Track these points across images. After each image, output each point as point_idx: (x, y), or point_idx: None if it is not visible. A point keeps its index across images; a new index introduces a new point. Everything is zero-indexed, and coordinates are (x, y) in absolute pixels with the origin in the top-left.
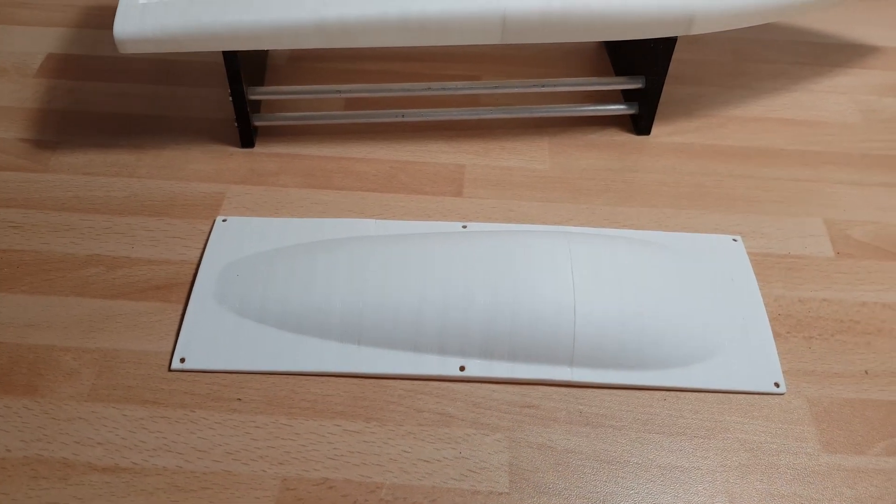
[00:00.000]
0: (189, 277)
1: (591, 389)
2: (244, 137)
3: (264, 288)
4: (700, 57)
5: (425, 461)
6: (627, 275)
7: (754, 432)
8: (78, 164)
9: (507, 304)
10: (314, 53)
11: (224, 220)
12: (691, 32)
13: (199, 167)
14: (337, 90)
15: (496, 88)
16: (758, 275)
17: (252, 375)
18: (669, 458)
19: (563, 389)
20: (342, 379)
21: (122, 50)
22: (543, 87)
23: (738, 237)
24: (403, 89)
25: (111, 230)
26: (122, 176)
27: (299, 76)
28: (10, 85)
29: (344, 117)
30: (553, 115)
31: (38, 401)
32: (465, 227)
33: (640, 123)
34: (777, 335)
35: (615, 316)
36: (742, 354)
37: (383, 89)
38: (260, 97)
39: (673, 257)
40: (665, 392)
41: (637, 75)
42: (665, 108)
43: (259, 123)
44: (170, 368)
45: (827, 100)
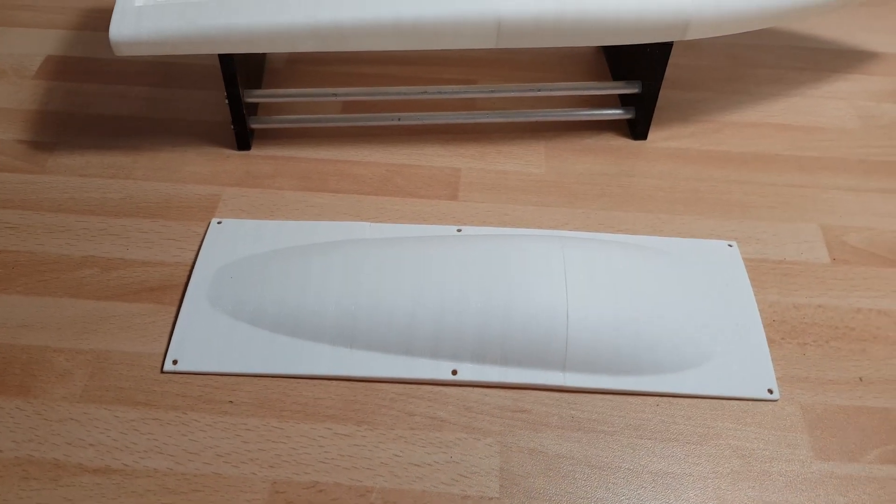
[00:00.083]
0: (183, 279)
1: (583, 394)
2: (240, 140)
3: (258, 290)
4: (698, 62)
5: (416, 465)
6: (621, 280)
7: (747, 439)
8: (75, 165)
9: (499, 308)
10: (312, 56)
11: (219, 223)
12: (686, 38)
13: (195, 169)
14: (333, 93)
15: (492, 92)
16: (753, 280)
17: (244, 378)
18: (661, 464)
19: (556, 394)
20: (334, 382)
21: (118, 52)
22: (539, 91)
23: (733, 243)
24: (400, 93)
25: (106, 232)
26: (118, 178)
27: (297, 79)
28: (9, 87)
29: (340, 120)
30: (549, 120)
31: (30, 401)
32: (460, 230)
33: (637, 128)
34: (771, 341)
35: (608, 321)
36: (736, 360)
37: (379, 93)
38: (256, 100)
39: (667, 262)
40: (658, 398)
41: (634, 80)
42: (662, 113)
43: (255, 126)
44: (162, 370)
45: (825, 105)
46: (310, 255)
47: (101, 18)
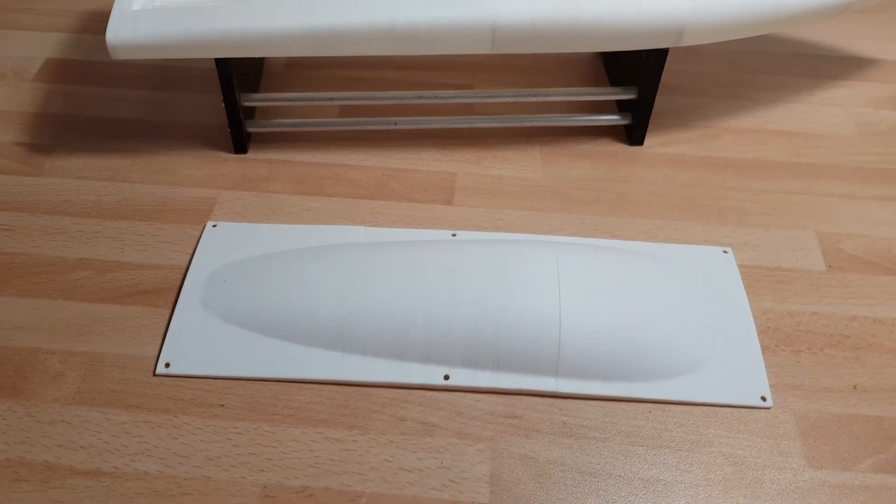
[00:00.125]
0: (177, 282)
1: (575, 400)
2: (237, 143)
3: (251, 294)
4: (696, 68)
5: (406, 470)
6: (615, 285)
7: (739, 446)
8: (72, 168)
9: (492, 313)
10: (310, 61)
11: (214, 226)
12: (681, 44)
13: (191, 172)
14: (329, 97)
15: (489, 97)
16: (747, 287)
17: (236, 381)
18: (652, 472)
19: (548, 400)
20: (326, 386)
21: (115, 56)
22: (536, 96)
23: (728, 249)
24: (396, 97)
25: (102, 234)
26: (114, 180)
27: (295, 83)
28: (8, 89)
29: (337, 124)
30: (546, 125)
31: (22, 403)
32: (455, 235)
33: (633, 134)
34: (765, 348)
35: (601, 326)
36: (729, 367)
37: (376, 97)
38: (253, 104)
39: (662, 268)
40: (650, 404)
41: (631, 86)
42: (659, 119)
43: (252, 130)
44: (154, 373)
45: (822, 112)
46: (303, 258)
47: (101, 22)
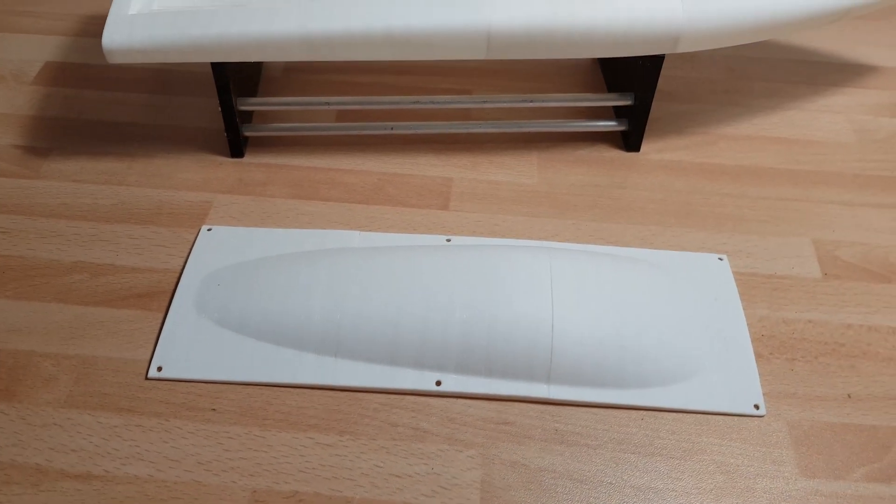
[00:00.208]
0: (171, 286)
1: (567, 407)
2: (234, 147)
3: (244, 298)
4: (694, 74)
5: (397, 476)
6: (609, 292)
7: (731, 455)
8: (69, 171)
9: (484, 319)
10: (308, 65)
11: (209, 230)
12: (677, 51)
13: (187, 176)
14: (326, 102)
15: (485, 103)
16: (742, 295)
17: (228, 386)
18: (644, 479)
19: (540, 406)
20: (318, 391)
21: (111, 60)
22: (532, 102)
23: (723, 256)
24: (393, 102)
25: (97, 237)
26: (111, 184)
27: (293, 87)
28: (7, 92)
29: (333, 129)
30: (542, 131)
31: (15, 406)
32: (450, 240)
33: (630, 140)
34: (759, 356)
35: (594, 333)
36: (722, 375)
37: (373, 102)
38: (250, 108)
39: (656, 275)
40: (643, 412)
41: (627, 92)
42: (657, 125)
43: (249, 134)
44: (147, 377)
45: (821, 119)
46: (296, 263)
47: (100, 25)
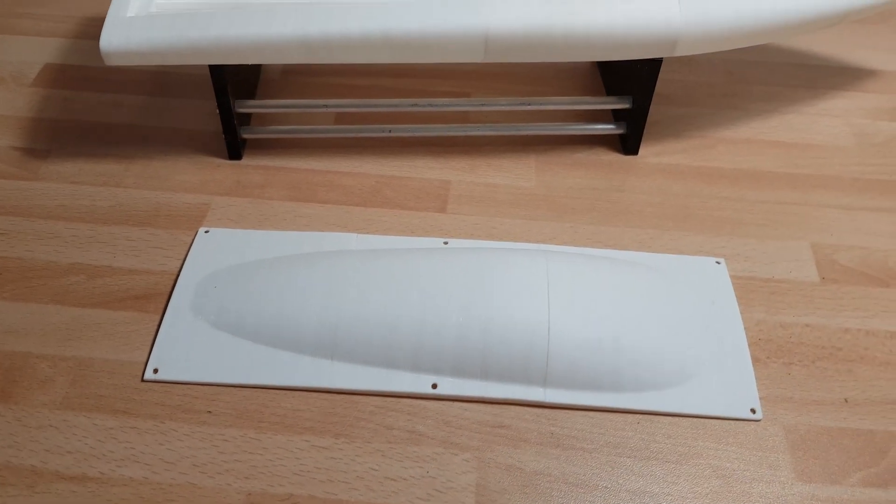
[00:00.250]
0: (168, 288)
1: (563, 411)
2: (231, 149)
3: (240, 300)
4: (693, 77)
5: (392, 479)
6: (605, 295)
7: (727, 459)
8: (67, 172)
9: (481, 321)
10: (307, 68)
11: (206, 232)
12: (675, 54)
13: (185, 178)
14: (324, 104)
15: (483, 106)
16: (740, 298)
17: (224, 388)
18: (639, 483)
19: (536, 410)
20: (313, 394)
21: (108, 62)
22: (530, 105)
23: (721, 260)
24: (391, 105)
25: (95, 239)
26: (108, 185)
27: (292, 90)
28: (6, 94)
29: (331, 131)
30: (540, 134)
31: (11, 407)
32: (447, 243)
33: (628, 143)
34: (756, 360)
35: (590, 336)
36: (719, 379)
37: (371, 104)
38: (248, 110)
39: (653, 278)
40: (639, 415)
41: (625, 95)
42: (655, 128)
43: (247, 136)
44: (143, 379)
45: (820, 122)
46: (294, 266)
47: (100, 27)
